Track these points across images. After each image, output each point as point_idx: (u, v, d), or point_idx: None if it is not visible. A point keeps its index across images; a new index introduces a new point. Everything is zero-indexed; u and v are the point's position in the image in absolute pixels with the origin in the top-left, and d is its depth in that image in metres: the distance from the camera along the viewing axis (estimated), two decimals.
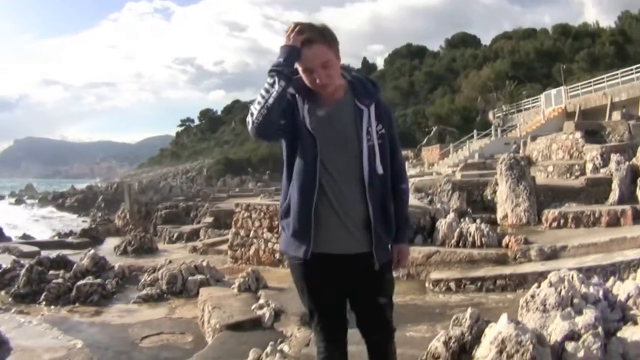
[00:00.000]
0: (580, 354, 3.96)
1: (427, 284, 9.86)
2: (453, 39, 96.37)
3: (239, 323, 7.41)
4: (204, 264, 11.72)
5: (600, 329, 4.11)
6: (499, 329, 4.08)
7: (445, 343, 4.58)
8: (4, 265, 13.65)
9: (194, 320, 9.07)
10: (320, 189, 3.26)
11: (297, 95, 3.32)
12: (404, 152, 49.05)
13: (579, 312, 4.32)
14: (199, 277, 11.03)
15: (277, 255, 13.60)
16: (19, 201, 77.15)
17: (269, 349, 5.08)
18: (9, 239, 24.15)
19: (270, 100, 3.11)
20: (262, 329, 7.17)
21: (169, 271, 11.36)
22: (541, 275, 7.11)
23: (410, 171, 31.20)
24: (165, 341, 8.07)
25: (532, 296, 4.70)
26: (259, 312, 7.60)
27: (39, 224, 45.53)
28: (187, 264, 11.68)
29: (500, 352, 3.94)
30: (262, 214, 14.31)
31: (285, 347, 5.38)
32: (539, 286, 4.77)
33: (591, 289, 4.66)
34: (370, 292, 3.43)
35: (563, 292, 4.55)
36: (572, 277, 4.77)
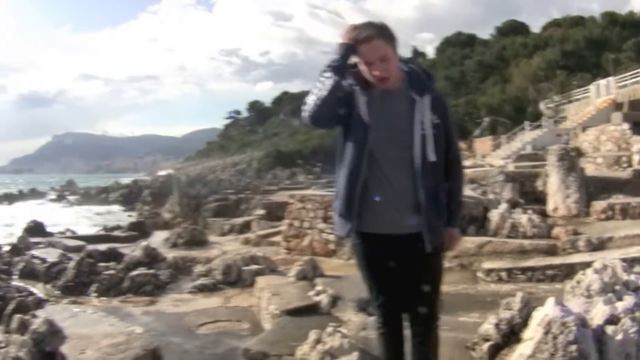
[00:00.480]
0: (619, 336, 4.17)
1: (479, 274, 10.03)
2: (503, 26, 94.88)
3: (298, 309, 7.56)
4: (259, 254, 11.92)
5: (638, 314, 4.31)
6: (546, 311, 4.28)
7: (496, 325, 4.82)
8: (49, 259, 13.96)
9: (249, 308, 9.21)
10: (370, 175, 3.55)
11: (356, 87, 3.59)
12: None
13: (620, 298, 4.52)
14: (254, 267, 11.13)
15: (332, 246, 13.79)
16: (60, 197, 76.54)
17: (329, 329, 5.29)
18: (51, 235, 24.09)
19: (324, 93, 3.44)
20: (320, 314, 7.33)
21: (224, 261, 11.49)
22: (588, 266, 7.24)
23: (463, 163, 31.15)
24: (222, 328, 8.21)
25: (578, 282, 4.89)
26: (317, 299, 7.78)
27: (83, 219, 45.61)
28: (242, 254, 11.86)
29: (546, 332, 4.13)
30: (316, 204, 14.46)
31: (343, 330, 5.58)
32: (584, 273, 4.95)
33: (632, 277, 4.84)
34: (418, 273, 3.70)
35: (606, 279, 4.74)
36: (616, 266, 4.95)
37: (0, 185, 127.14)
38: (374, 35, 3.47)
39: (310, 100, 3.55)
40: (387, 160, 3.56)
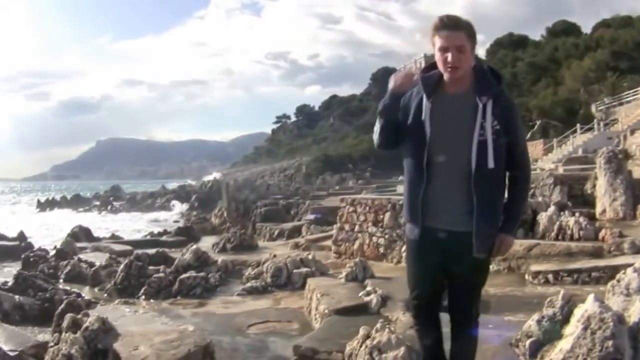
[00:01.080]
0: None
1: (526, 276, 10.17)
2: (554, 27, 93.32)
3: (347, 308, 7.73)
4: (310, 257, 12.08)
5: None
6: (586, 307, 4.43)
7: (539, 322, 4.96)
8: (97, 263, 14.27)
9: (299, 309, 9.41)
10: (430, 181, 3.70)
11: (424, 95, 3.75)
12: None
13: None
14: (304, 269, 11.33)
15: (382, 250, 13.95)
16: (105, 203, 76.75)
17: (378, 325, 5.43)
18: (98, 239, 24.26)
19: (378, 130, 3.93)
20: (369, 314, 7.45)
21: (274, 264, 11.70)
22: None
23: None
24: (272, 328, 8.43)
25: (618, 281, 5.01)
26: (367, 299, 7.92)
27: (129, 223, 45.97)
28: (293, 257, 12.02)
29: (585, 328, 4.27)
30: (367, 208, 14.63)
31: (391, 327, 5.70)
32: (625, 273, 5.06)
33: None
34: (462, 274, 3.83)
35: None
36: None
37: (42, 191, 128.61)
38: (457, 25, 3.62)
39: (375, 133, 3.99)
40: (445, 165, 3.68)
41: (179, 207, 59.99)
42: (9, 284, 11.82)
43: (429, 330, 4.09)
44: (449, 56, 3.58)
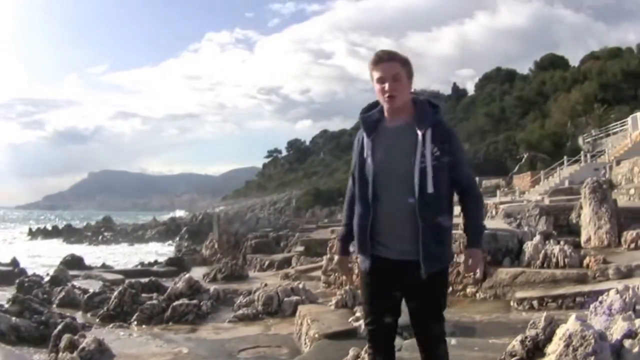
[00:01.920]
0: (636, 349, 4.40)
1: (512, 303, 10.37)
2: (542, 61, 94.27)
3: (337, 333, 7.87)
4: (300, 286, 12.27)
5: None
6: (568, 326, 4.59)
7: (522, 342, 5.12)
8: (91, 290, 14.43)
9: (289, 335, 9.52)
10: (377, 211, 3.86)
11: (364, 134, 3.98)
12: (495, 181, 48.56)
13: (639, 316, 4.81)
14: (294, 298, 11.48)
15: None
16: (96, 233, 76.80)
17: (367, 346, 5.60)
18: (90, 268, 24.64)
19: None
20: (358, 338, 7.46)
21: (266, 292, 11.85)
22: None
23: (501, 199, 31.09)
24: (262, 353, 8.58)
25: (600, 302, 5.18)
26: (356, 324, 8.04)
27: (120, 256, 46.09)
28: (284, 286, 12.22)
29: (567, 346, 4.41)
30: None
31: None
32: (607, 294, 5.23)
33: None
34: (419, 298, 3.92)
35: (627, 299, 5.04)
36: (638, 287, 5.23)
37: (35, 220, 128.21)
38: (392, 57, 3.90)
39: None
40: (390, 196, 3.84)
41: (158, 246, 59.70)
42: (6, 306, 11.90)
43: (381, 356, 4.16)
44: (386, 85, 3.82)
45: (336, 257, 4.70)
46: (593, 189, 13.69)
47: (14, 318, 10.57)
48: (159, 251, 48.19)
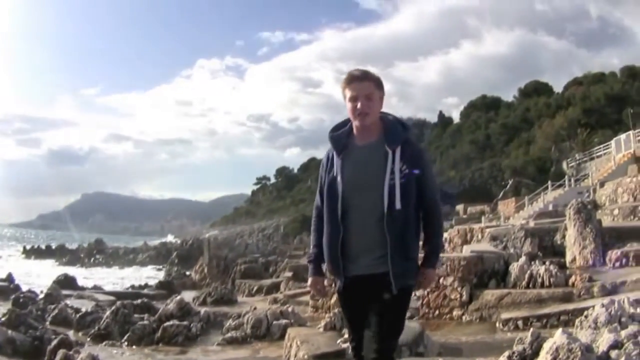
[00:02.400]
0: (622, 359, 4.49)
1: (497, 324, 10.47)
2: (526, 87, 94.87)
3: (326, 354, 7.90)
4: (289, 309, 12.32)
5: None
6: (554, 340, 4.67)
7: (509, 357, 5.21)
8: (83, 309, 14.47)
9: (278, 358, 9.55)
10: (347, 230, 3.85)
11: (334, 152, 4.01)
12: (480, 207, 48.70)
13: (625, 327, 4.90)
14: (283, 321, 11.54)
15: None
16: (89, 255, 76.81)
17: None
18: (82, 289, 24.77)
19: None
20: (347, 359, 7.52)
21: (255, 316, 11.91)
22: None
23: (486, 224, 31.15)
24: None
25: (586, 316, 5.28)
26: (344, 345, 8.05)
27: (112, 278, 46.13)
28: (273, 309, 12.28)
29: (554, 359, 4.51)
30: None
31: None
32: (593, 308, 5.31)
33: (639, 310, 5.21)
34: (381, 312, 3.80)
35: (612, 312, 5.13)
36: (623, 301, 5.33)
37: (29, 239, 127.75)
38: (366, 76, 3.95)
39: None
40: (360, 214, 3.83)
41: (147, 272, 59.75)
42: (2, 319, 12.02)
43: None
44: (359, 104, 3.87)
45: (309, 280, 4.27)
46: (578, 210, 13.80)
47: (9, 331, 10.65)
48: (150, 275, 48.28)
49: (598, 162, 45.23)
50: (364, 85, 3.91)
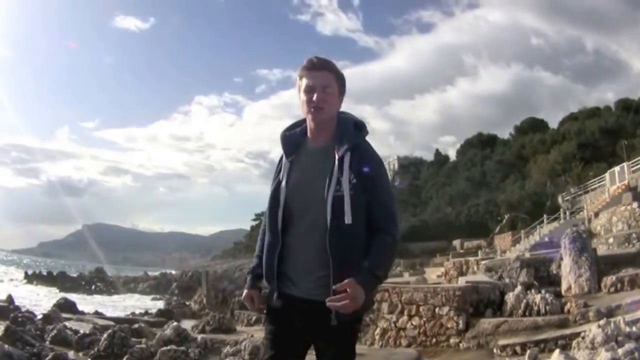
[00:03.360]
0: None
1: (495, 350, 10.55)
2: (522, 124, 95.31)
3: None
4: None
5: (637, 354, 4.76)
6: None
7: None
8: (82, 331, 14.48)
9: None
10: (286, 242, 3.34)
11: (283, 157, 3.53)
12: (476, 242, 48.78)
13: (622, 346, 5.00)
14: None
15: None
16: (89, 282, 76.97)
17: None
18: (82, 313, 24.62)
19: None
20: None
21: (252, 342, 11.86)
22: None
23: (482, 257, 31.29)
24: None
25: (583, 337, 5.40)
26: None
27: (112, 305, 46.15)
28: None
29: None
30: None
31: None
32: (590, 330, 5.41)
33: (634, 329, 5.32)
34: (326, 345, 3.35)
35: (609, 332, 5.24)
36: (619, 321, 5.43)
37: (30, 265, 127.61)
38: (325, 66, 3.46)
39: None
40: (303, 225, 3.34)
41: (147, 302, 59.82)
42: None
43: None
44: (315, 95, 3.36)
45: (244, 292, 3.65)
46: (573, 239, 13.96)
47: (6, 346, 10.68)
48: (149, 304, 48.34)
49: (592, 195, 45.39)
50: (323, 74, 3.44)
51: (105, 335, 12.54)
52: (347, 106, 3.59)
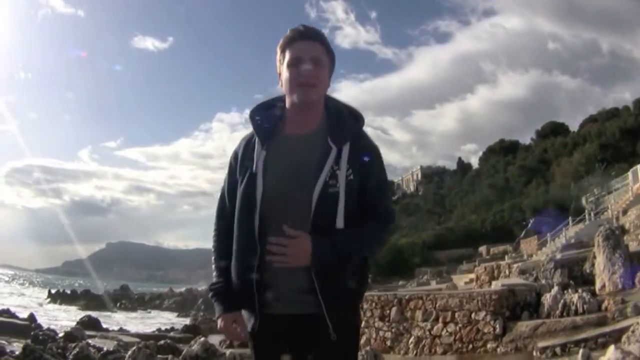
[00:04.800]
0: None
1: (534, 353, 10.44)
2: (543, 129, 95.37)
3: None
4: None
5: None
6: (608, 356, 4.65)
7: None
8: (105, 348, 14.41)
9: None
10: (265, 250, 2.69)
11: (256, 141, 2.88)
12: (502, 247, 48.67)
13: None
14: None
15: (389, 343, 14.24)
16: (114, 300, 76.81)
17: None
18: (106, 330, 24.65)
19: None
20: None
21: None
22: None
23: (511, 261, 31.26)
24: None
25: (633, 331, 5.29)
26: None
27: (137, 322, 46.19)
28: None
29: None
30: (373, 304, 15.07)
31: None
32: (638, 323, 5.32)
33: None
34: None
35: None
36: None
37: (54, 284, 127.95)
38: (316, 35, 2.86)
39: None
40: (289, 223, 2.70)
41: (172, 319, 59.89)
42: (16, 352, 11.87)
43: None
44: (303, 71, 2.77)
45: (219, 321, 2.90)
46: (606, 236, 13.85)
47: None
48: (175, 320, 48.35)
49: (616, 194, 45.18)
50: (314, 46, 2.83)
51: (129, 352, 12.46)
52: (369, 118, 3.03)
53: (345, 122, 2.85)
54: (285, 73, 2.83)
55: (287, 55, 2.81)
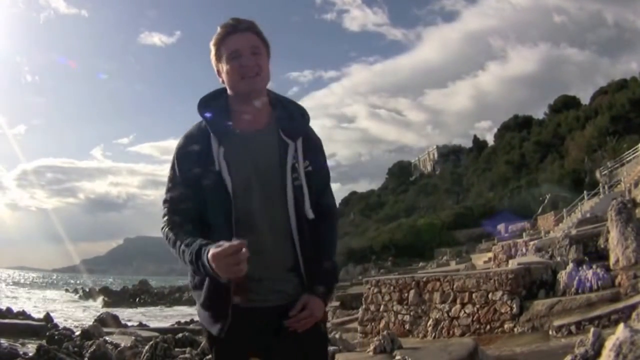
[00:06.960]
0: None
1: (550, 332, 10.42)
2: (555, 103, 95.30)
3: None
4: (337, 336, 12.30)
5: None
6: (617, 335, 4.61)
7: None
8: (123, 344, 14.39)
9: None
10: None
11: (212, 136, 2.77)
12: (520, 224, 48.53)
13: None
14: (331, 348, 11.42)
15: (407, 326, 14.23)
16: (134, 296, 76.57)
17: None
18: (125, 326, 24.47)
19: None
20: None
21: None
22: None
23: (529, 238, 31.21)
24: None
25: None
26: None
27: (156, 316, 46.15)
28: None
29: (618, 354, 4.43)
30: (391, 287, 15.02)
31: None
32: None
33: None
34: (299, 354, 2.81)
35: None
36: None
37: (72, 282, 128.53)
38: (249, 27, 2.84)
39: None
40: (260, 219, 2.75)
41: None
42: (30, 354, 11.73)
43: None
44: (245, 63, 2.77)
45: (210, 253, 2.40)
46: (619, 210, 13.76)
47: None
48: (195, 312, 48.52)
49: (628, 166, 44.95)
50: (249, 37, 2.83)
51: (147, 347, 12.42)
52: (382, 100, 2.98)
53: (295, 116, 2.92)
54: (226, 67, 2.81)
55: (225, 50, 2.82)
